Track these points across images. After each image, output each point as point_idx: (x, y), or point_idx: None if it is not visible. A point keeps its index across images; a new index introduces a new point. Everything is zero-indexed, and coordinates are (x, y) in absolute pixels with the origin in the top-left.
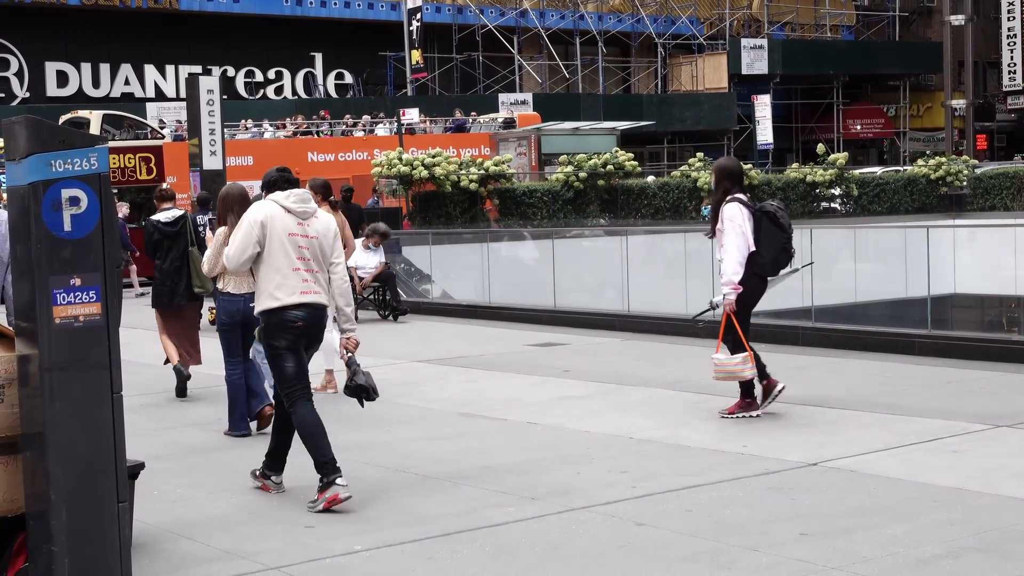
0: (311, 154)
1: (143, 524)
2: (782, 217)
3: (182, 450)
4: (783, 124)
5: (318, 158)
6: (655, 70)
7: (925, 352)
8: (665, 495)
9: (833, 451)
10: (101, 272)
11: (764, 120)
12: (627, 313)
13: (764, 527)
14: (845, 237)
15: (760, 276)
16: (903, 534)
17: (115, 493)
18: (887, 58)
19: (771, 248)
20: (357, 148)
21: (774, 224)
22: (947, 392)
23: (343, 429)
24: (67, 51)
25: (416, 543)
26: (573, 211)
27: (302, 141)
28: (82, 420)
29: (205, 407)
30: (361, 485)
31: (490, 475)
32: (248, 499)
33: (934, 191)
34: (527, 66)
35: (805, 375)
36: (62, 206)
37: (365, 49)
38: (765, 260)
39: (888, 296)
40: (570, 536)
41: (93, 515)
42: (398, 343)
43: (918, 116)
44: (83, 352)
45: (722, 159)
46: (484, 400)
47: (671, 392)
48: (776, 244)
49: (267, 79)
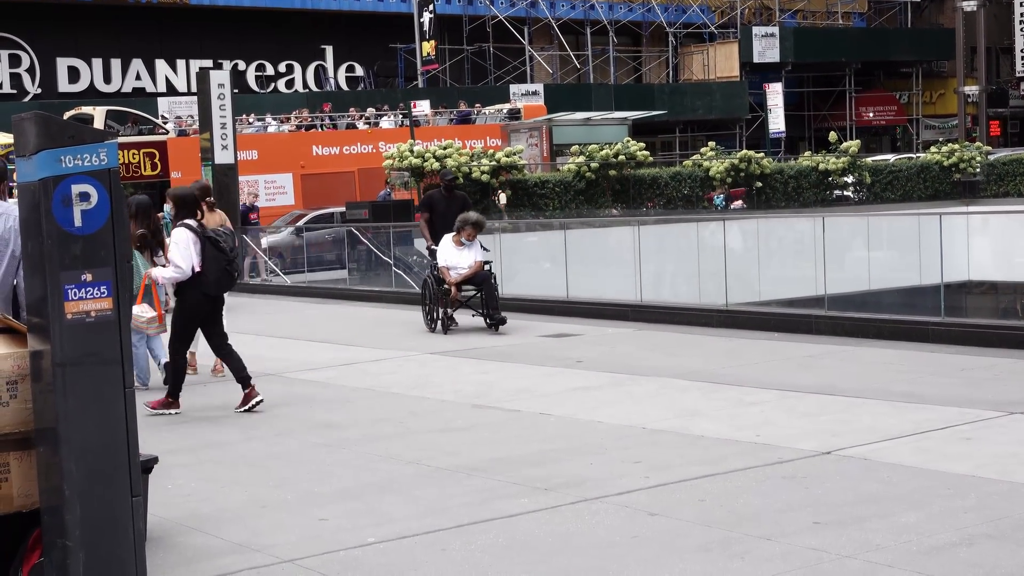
0: (316, 148)
1: (157, 518)
2: (224, 241)
3: (195, 444)
4: (795, 112)
5: (323, 151)
6: (666, 59)
7: (939, 339)
8: (678, 485)
9: (847, 439)
10: (112, 267)
11: (776, 108)
12: (640, 303)
13: (777, 516)
14: (858, 225)
15: (205, 295)
16: (917, 522)
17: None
18: (899, 45)
19: (213, 270)
20: (363, 141)
21: (215, 248)
22: (961, 379)
23: (355, 422)
24: (78, 47)
25: (430, 535)
26: (585, 201)
27: (307, 135)
28: (95, 415)
29: (218, 400)
30: (375, 477)
31: (503, 466)
32: (262, 492)
33: (947, 178)
34: (538, 57)
35: (818, 363)
36: (72, 202)
37: (376, 41)
38: (209, 280)
39: (901, 284)
40: (583, 527)
41: (107, 510)
42: (409, 336)
43: (931, 103)
44: (95, 347)
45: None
46: (497, 391)
47: (684, 382)
48: (218, 266)
49: (278, 72)
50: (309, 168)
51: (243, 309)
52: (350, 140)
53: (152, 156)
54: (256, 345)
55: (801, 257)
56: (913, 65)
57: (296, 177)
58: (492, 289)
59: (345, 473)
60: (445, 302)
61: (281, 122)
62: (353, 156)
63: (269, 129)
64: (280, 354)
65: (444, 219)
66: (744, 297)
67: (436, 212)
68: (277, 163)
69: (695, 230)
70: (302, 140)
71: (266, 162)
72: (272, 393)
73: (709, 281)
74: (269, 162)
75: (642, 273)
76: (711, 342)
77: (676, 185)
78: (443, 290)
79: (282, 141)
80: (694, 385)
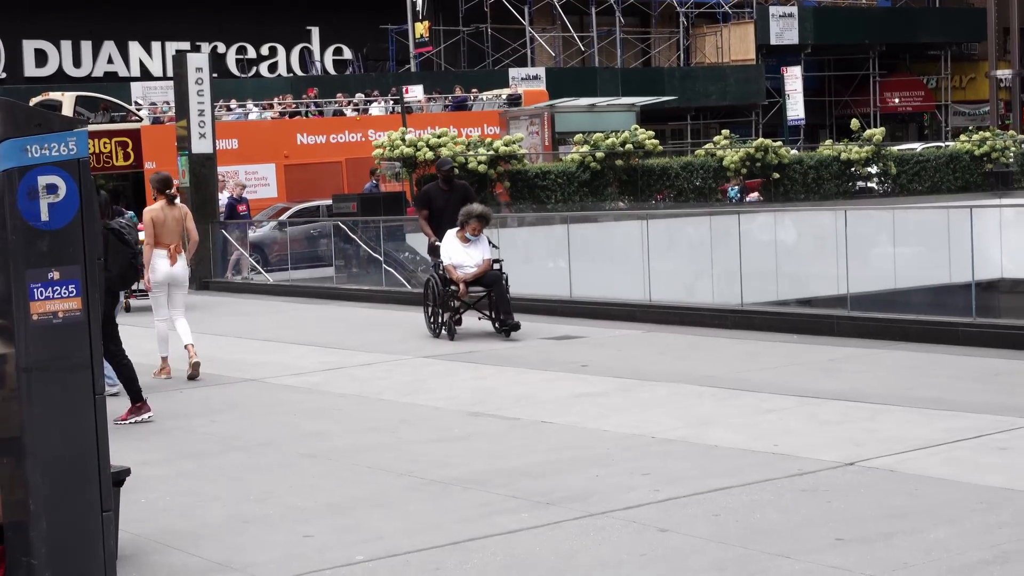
0: (300, 136)
1: (130, 534)
2: (128, 233)
3: (171, 454)
4: (815, 98)
5: (308, 140)
6: (677, 41)
7: (970, 342)
8: (690, 499)
9: (871, 450)
10: (81, 265)
11: (795, 94)
12: (648, 303)
13: (797, 532)
14: (883, 219)
15: (108, 290)
16: (947, 538)
17: (99, 501)
18: (927, 26)
19: (118, 264)
20: (351, 129)
21: (120, 240)
22: (994, 385)
23: (343, 431)
24: (46, 28)
25: (422, 552)
26: (590, 194)
27: (291, 122)
28: (62, 423)
29: (194, 408)
30: (364, 490)
31: (502, 479)
32: (242, 507)
33: (978, 168)
34: (539, 39)
35: (841, 368)
36: (39, 194)
37: (365, 22)
38: (112, 275)
39: (929, 282)
40: (588, 544)
41: (75, 525)
42: (401, 339)
43: (960, 88)
44: (63, 350)
45: None
46: (495, 398)
47: (697, 387)
48: (123, 260)
49: (260, 55)
50: (293, 158)
51: (222, 309)
52: (337, 128)
53: (125, 145)
54: (236, 348)
55: (822, 254)
56: (942, 47)
57: (279, 168)
58: (503, 291)
59: (332, 486)
60: (452, 304)
61: (263, 109)
62: (340, 145)
63: (251, 116)
64: (262, 358)
65: (444, 214)
66: (760, 297)
67: (435, 207)
68: (259, 153)
69: (708, 224)
70: (286, 128)
71: (247, 152)
72: (254, 400)
73: (723, 279)
74: (250, 152)
75: (651, 271)
76: (725, 345)
77: (687, 176)
78: (450, 291)
79: (264, 129)
80: (707, 391)
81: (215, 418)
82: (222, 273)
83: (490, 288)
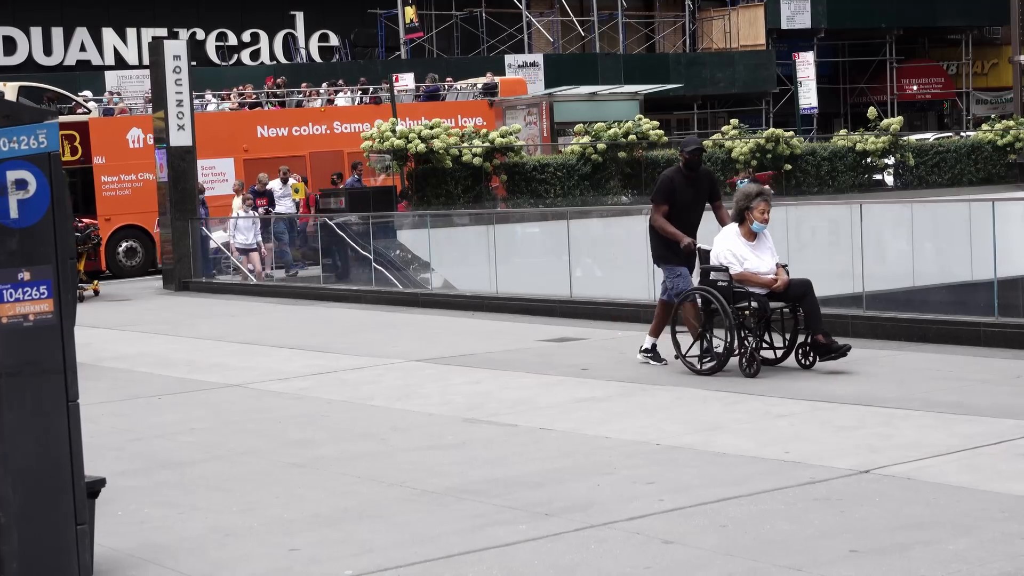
0: (261, 129)
1: (105, 548)
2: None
3: (149, 464)
4: (829, 85)
5: (269, 133)
6: (683, 26)
7: (992, 343)
8: (696, 509)
9: (887, 456)
10: (53, 265)
11: (807, 81)
12: (653, 303)
13: (809, 544)
14: (900, 213)
15: None
16: (966, 549)
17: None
18: (946, 9)
19: None
20: (315, 121)
21: None
22: (1017, 388)
23: (331, 438)
24: (14, 13)
25: (414, 566)
26: (591, 187)
27: (250, 114)
28: (34, 432)
29: (173, 415)
30: (352, 501)
31: (498, 488)
32: (225, 519)
33: (1001, 159)
34: (536, 23)
35: (856, 370)
36: (7, 190)
37: (353, 7)
38: None
39: (949, 280)
40: (589, 557)
41: (48, 539)
42: (393, 341)
43: (982, 74)
44: (34, 355)
45: None
46: (491, 404)
47: (703, 391)
48: None
49: (242, 42)
50: (253, 152)
51: (203, 311)
52: (300, 120)
53: (71, 139)
54: (218, 352)
55: (836, 249)
56: (962, 31)
57: (238, 162)
58: (816, 303)
59: (319, 497)
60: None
61: (221, 99)
62: (304, 138)
63: (208, 108)
64: (246, 362)
65: (689, 210)
66: None
67: (679, 201)
68: (216, 146)
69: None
70: (245, 120)
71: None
72: (237, 407)
73: None
74: (207, 145)
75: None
76: None
77: None
78: (751, 308)
79: (221, 121)
80: (714, 395)
81: (195, 425)
82: (203, 272)
83: (799, 302)
